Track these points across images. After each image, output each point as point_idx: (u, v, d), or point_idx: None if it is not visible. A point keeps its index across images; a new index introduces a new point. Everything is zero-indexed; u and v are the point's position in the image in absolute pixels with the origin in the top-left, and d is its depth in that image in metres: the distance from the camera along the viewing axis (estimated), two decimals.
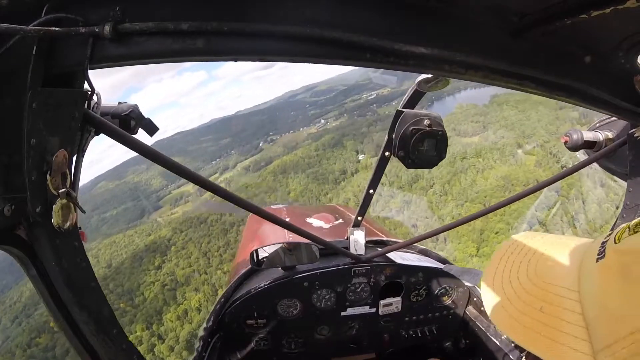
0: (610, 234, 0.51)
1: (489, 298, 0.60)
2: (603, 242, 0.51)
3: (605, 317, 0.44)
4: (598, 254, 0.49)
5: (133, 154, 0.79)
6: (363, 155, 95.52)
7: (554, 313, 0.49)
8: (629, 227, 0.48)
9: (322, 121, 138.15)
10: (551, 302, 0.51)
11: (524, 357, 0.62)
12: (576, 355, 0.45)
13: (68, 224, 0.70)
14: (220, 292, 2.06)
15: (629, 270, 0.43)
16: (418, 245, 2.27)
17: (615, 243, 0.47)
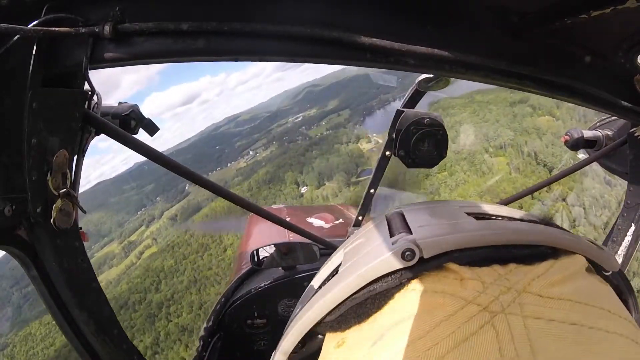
0: None
1: None
2: None
3: None
4: None
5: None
6: (305, 187, 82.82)
7: None
8: None
9: (251, 153, 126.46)
10: None
11: None
12: None
13: (69, 224, 0.70)
14: None
15: None
16: None
17: None
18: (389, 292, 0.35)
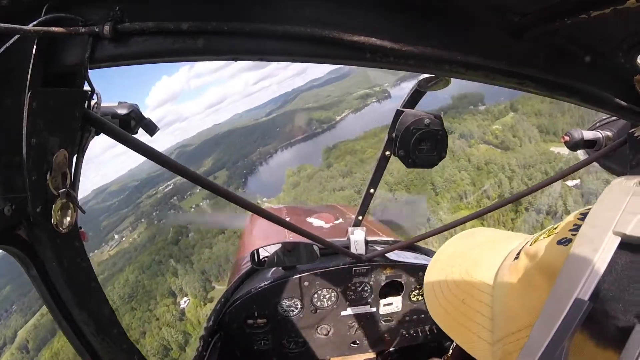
0: (536, 236, 0.53)
1: (428, 287, 0.66)
2: (526, 243, 0.52)
3: (504, 313, 0.48)
4: (516, 255, 0.52)
5: None
6: (187, 298, 54.37)
7: (472, 305, 0.55)
8: (548, 230, 0.50)
9: (116, 237, 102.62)
10: (472, 295, 0.56)
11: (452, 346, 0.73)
12: (480, 342, 0.50)
13: (68, 224, 0.70)
14: None
15: (529, 275, 0.46)
16: (419, 244, 2.27)
17: (530, 245, 0.50)
18: None
